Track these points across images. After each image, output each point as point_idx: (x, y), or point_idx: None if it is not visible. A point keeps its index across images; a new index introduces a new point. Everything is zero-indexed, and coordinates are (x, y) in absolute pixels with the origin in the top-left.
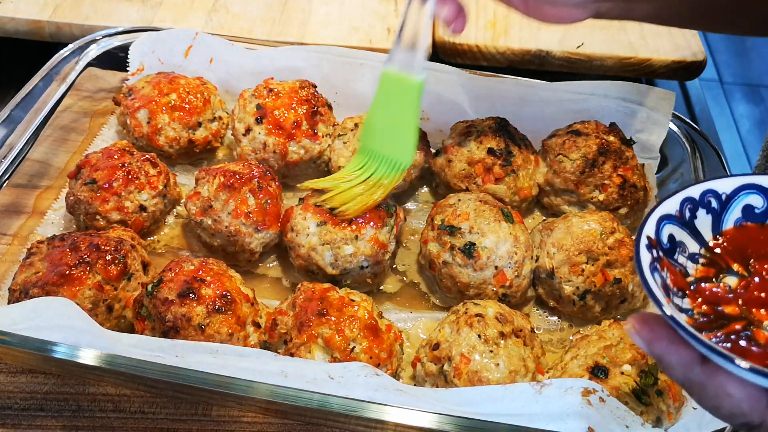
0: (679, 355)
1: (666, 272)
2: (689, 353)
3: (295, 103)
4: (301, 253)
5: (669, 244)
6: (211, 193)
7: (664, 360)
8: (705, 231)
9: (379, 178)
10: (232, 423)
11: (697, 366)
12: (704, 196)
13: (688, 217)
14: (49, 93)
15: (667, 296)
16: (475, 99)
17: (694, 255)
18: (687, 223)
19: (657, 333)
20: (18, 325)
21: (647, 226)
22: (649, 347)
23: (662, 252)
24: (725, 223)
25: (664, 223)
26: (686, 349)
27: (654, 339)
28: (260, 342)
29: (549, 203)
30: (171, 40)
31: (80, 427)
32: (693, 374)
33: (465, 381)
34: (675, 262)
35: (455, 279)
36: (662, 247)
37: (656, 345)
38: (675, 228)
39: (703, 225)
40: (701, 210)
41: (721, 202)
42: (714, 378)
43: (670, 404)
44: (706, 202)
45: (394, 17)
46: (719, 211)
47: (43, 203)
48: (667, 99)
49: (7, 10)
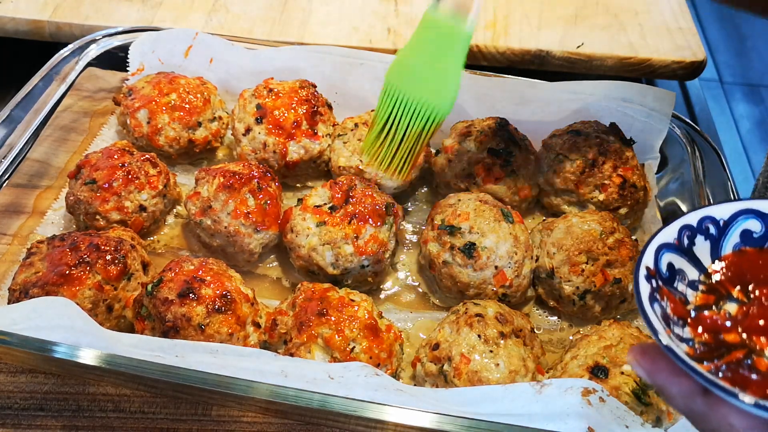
0: (681, 386)
1: (666, 301)
2: (690, 384)
3: (295, 103)
4: (301, 253)
5: (668, 272)
6: (211, 194)
7: (665, 391)
8: (704, 257)
9: (415, 128)
10: (232, 423)
11: (698, 397)
12: (702, 222)
13: (687, 244)
14: (49, 93)
15: (667, 326)
16: (475, 99)
17: (694, 282)
18: (686, 251)
19: (658, 364)
20: (18, 325)
21: (646, 256)
22: (651, 378)
23: (661, 281)
24: (724, 248)
25: (663, 251)
26: (687, 380)
27: (655, 370)
28: (260, 342)
29: (549, 203)
30: (171, 40)
31: (80, 427)
32: (695, 405)
33: (465, 381)
34: (675, 291)
35: (455, 279)
36: (661, 276)
37: (657, 376)
38: (674, 256)
39: (701, 252)
40: (699, 237)
41: (719, 228)
42: (716, 409)
43: None
44: (704, 228)
45: (394, 17)
46: (717, 237)
47: (43, 203)
48: (667, 99)
49: (7, 10)
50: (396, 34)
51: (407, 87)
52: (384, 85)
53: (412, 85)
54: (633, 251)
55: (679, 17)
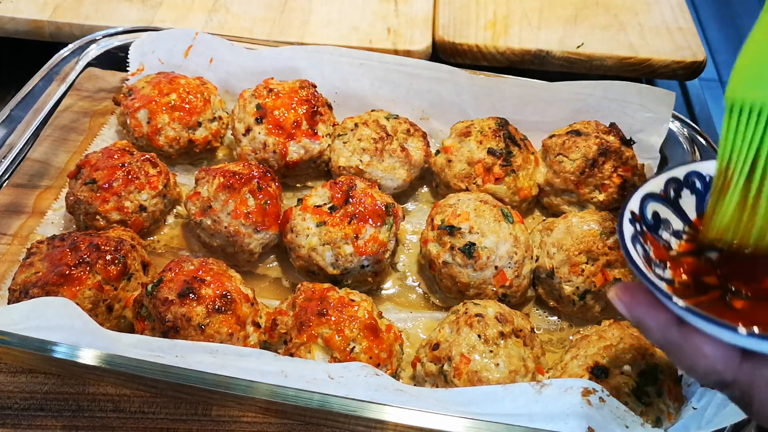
0: (658, 319)
1: (649, 246)
2: (667, 316)
3: (295, 103)
4: (301, 254)
5: (653, 220)
6: (211, 194)
7: (643, 323)
8: (689, 210)
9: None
10: (232, 423)
11: (674, 328)
12: (689, 176)
13: (673, 196)
14: (49, 93)
15: (648, 266)
16: (475, 99)
17: (678, 232)
18: (671, 202)
19: (637, 298)
20: (18, 325)
21: (631, 202)
22: (630, 312)
23: (646, 227)
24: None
25: (649, 200)
26: (664, 312)
27: (634, 304)
28: (260, 342)
29: (549, 203)
30: (171, 40)
31: (80, 427)
32: (670, 335)
33: (465, 381)
34: (659, 238)
35: (455, 279)
36: (646, 222)
37: (636, 309)
38: (659, 206)
39: (687, 204)
40: (685, 190)
41: (704, 183)
42: (690, 339)
43: (670, 404)
44: (690, 182)
45: (394, 17)
46: (703, 192)
47: (43, 203)
48: (667, 99)
49: (7, 10)
50: (396, 34)
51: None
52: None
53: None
54: None
55: (679, 17)
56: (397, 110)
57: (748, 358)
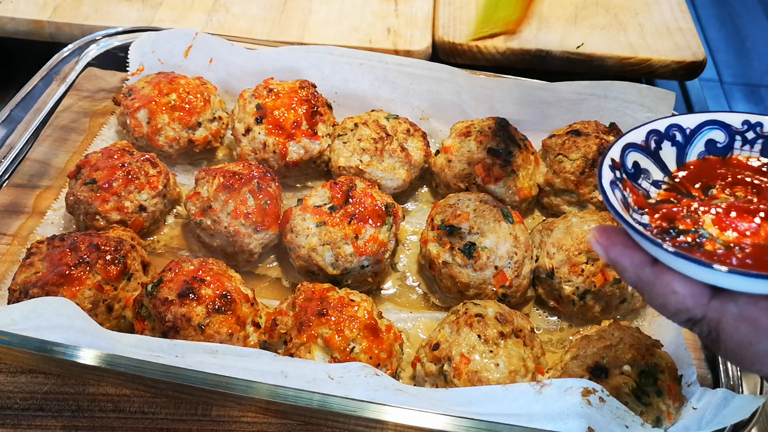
0: (632, 258)
1: (628, 192)
2: (641, 256)
3: (294, 103)
4: (301, 254)
5: (633, 169)
6: (211, 194)
7: (618, 263)
8: (669, 162)
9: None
10: (232, 423)
11: (647, 267)
12: (669, 129)
13: (654, 147)
14: (49, 93)
15: (626, 211)
16: (475, 99)
17: (658, 182)
18: (652, 153)
19: (614, 240)
20: (18, 325)
21: (612, 150)
22: (606, 253)
23: (626, 175)
24: (689, 155)
25: (629, 150)
26: (639, 253)
27: (611, 245)
28: (260, 342)
29: (549, 203)
30: (171, 40)
31: (80, 427)
32: (643, 274)
33: (465, 381)
34: (638, 186)
35: (455, 279)
36: (626, 170)
37: (612, 250)
38: (640, 156)
39: (667, 156)
40: (666, 142)
41: (685, 136)
42: (662, 277)
43: (669, 404)
44: (671, 135)
45: (394, 17)
46: (683, 144)
47: (43, 203)
48: (667, 99)
49: (7, 10)
50: (396, 34)
51: None
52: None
53: None
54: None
55: (679, 17)
56: (397, 110)
57: (717, 296)
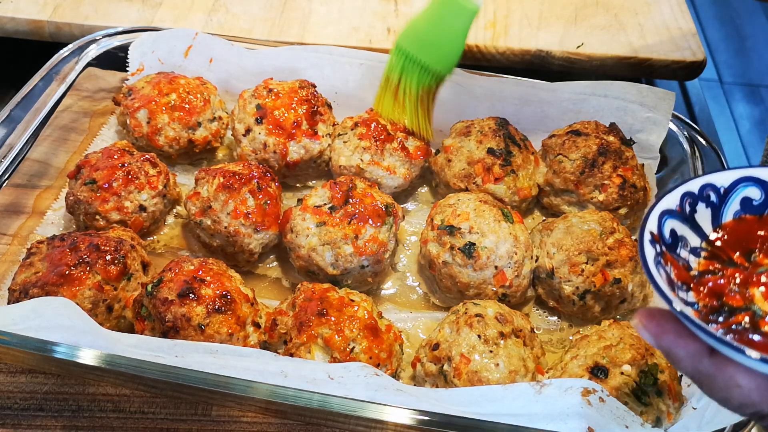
0: (688, 348)
1: (670, 267)
2: (697, 346)
3: (294, 103)
4: (301, 254)
5: (671, 239)
6: (211, 194)
7: (672, 353)
8: (705, 224)
9: (411, 83)
10: (232, 423)
11: (705, 358)
12: (703, 190)
13: (688, 211)
14: (48, 93)
15: (672, 290)
16: (475, 99)
17: (696, 249)
18: (687, 218)
19: (664, 327)
20: (18, 325)
21: (650, 221)
22: (657, 341)
23: (665, 247)
24: (724, 216)
25: (666, 218)
26: (694, 341)
27: (662, 333)
28: (260, 342)
29: (549, 203)
30: (171, 40)
31: (80, 427)
32: (702, 366)
33: (465, 381)
34: (678, 257)
35: (455, 279)
36: (665, 242)
37: (664, 339)
38: (676, 223)
39: (703, 219)
40: (701, 204)
41: (719, 196)
42: (723, 369)
43: (669, 404)
44: (705, 195)
45: (394, 17)
46: (718, 205)
47: (42, 203)
48: (667, 99)
49: (7, 10)
50: (396, 34)
51: (416, 49)
52: (394, 47)
53: (420, 47)
54: (633, 251)
55: (679, 17)
56: None
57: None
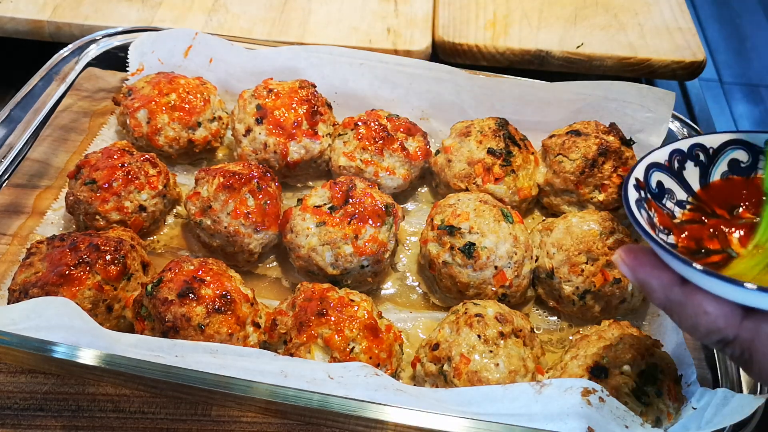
0: (661, 279)
1: (653, 212)
2: (669, 276)
3: (295, 103)
4: (301, 254)
5: (657, 189)
6: (211, 194)
7: (647, 284)
8: (693, 181)
9: None
10: (232, 423)
11: (676, 287)
12: (692, 149)
13: (677, 167)
14: (48, 93)
15: (653, 230)
16: (475, 99)
17: (682, 202)
18: (675, 173)
19: (641, 260)
20: (18, 325)
21: (636, 169)
22: (634, 273)
23: (650, 195)
24: (713, 175)
25: (653, 170)
26: (667, 272)
27: (638, 265)
28: (260, 342)
29: (549, 203)
30: (171, 40)
31: (80, 427)
32: (673, 294)
33: (465, 381)
34: (663, 206)
35: (455, 279)
36: (650, 190)
37: (640, 270)
38: (663, 176)
39: (691, 176)
40: (689, 162)
41: (708, 156)
42: (692, 297)
43: (669, 404)
44: (694, 155)
45: (393, 17)
46: (707, 164)
47: (42, 203)
48: (666, 99)
49: (7, 10)
50: (396, 34)
51: None
52: None
53: None
54: None
55: (679, 17)
56: (397, 110)
57: (750, 316)
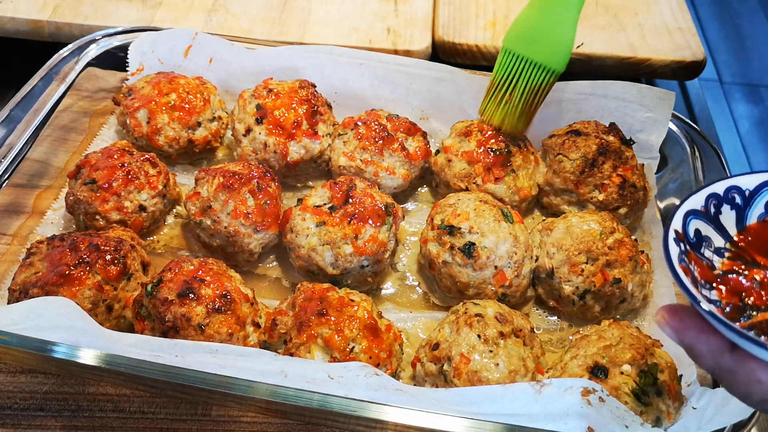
0: (710, 344)
1: (694, 265)
2: (719, 341)
3: (295, 102)
4: (301, 254)
5: (695, 238)
6: (211, 194)
7: (694, 349)
8: (729, 226)
9: (531, 85)
10: (232, 423)
11: (727, 354)
12: (728, 192)
13: (713, 212)
14: (48, 93)
15: (696, 288)
16: (475, 99)
17: (720, 249)
18: (712, 219)
19: (687, 323)
20: (18, 325)
21: (675, 220)
22: (679, 337)
23: (689, 246)
24: (749, 218)
25: (691, 218)
26: (716, 337)
27: (684, 329)
28: (260, 342)
29: (549, 203)
30: (171, 40)
31: (80, 427)
32: (723, 362)
33: (465, 381)
34: (701, 256)
35: (455, 279)
36: (689, 241)
37: (686, 334)
38: (701, 223)
39: (727, 220)
40: (725, 206)
41: (744, 198)
42: (744, 365)
43: (669, 404)
44: (730, 197)
45: (393, 17)
46: (743, 207)
47: (42, 203)
48: (666, 99)
49: (7, 10)
50: (396, 34)
51: (523, 48)
52: (501, 50)
53: (527, 46)
54: (633, 251)
55: (679, 17)
56: (397, 110)
57: None
